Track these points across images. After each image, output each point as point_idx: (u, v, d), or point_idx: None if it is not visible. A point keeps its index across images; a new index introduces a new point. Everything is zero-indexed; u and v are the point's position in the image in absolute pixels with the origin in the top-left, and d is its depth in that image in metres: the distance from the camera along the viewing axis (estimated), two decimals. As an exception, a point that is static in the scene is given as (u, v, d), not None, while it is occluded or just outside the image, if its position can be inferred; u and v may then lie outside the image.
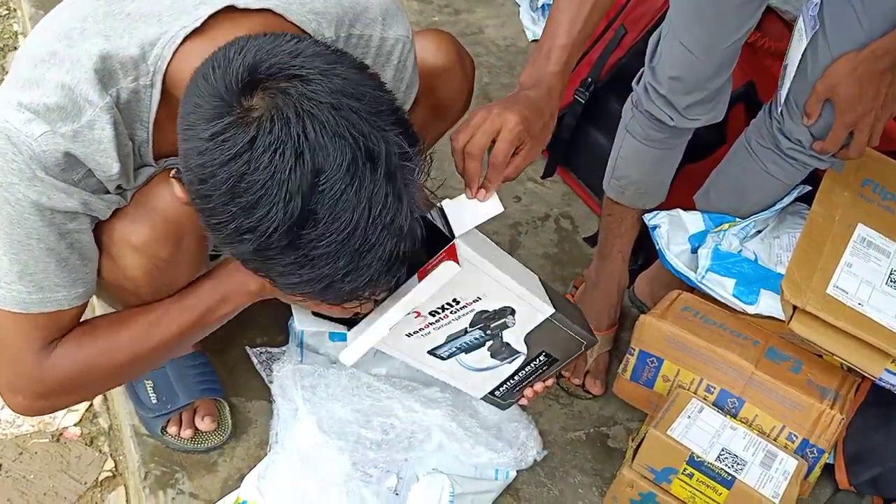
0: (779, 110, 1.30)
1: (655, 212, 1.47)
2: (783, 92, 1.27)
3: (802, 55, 1.25)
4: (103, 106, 0.88)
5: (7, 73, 0.94)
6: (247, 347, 1.42)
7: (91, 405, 1.53)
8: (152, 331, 1.04)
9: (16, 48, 2.26)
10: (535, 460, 1.38)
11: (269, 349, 1.43)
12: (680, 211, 1.46)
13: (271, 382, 1.37)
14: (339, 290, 0.81)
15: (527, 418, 1.42)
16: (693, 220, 1.45)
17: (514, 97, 1.06)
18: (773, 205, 1.44)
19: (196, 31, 0.90)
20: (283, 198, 0.74)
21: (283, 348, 1.43)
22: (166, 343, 1.05)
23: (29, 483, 1.43)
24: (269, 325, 1.50)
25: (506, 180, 1.04)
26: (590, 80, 1.78)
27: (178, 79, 0.89)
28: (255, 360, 1.41)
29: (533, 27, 2.39)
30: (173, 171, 0.87)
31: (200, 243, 1.10)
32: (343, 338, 1.44)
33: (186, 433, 1.29)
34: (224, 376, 1.37)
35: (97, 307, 1.50)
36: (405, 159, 0.79)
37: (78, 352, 1.02)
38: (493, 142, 1.01)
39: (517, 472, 1.37)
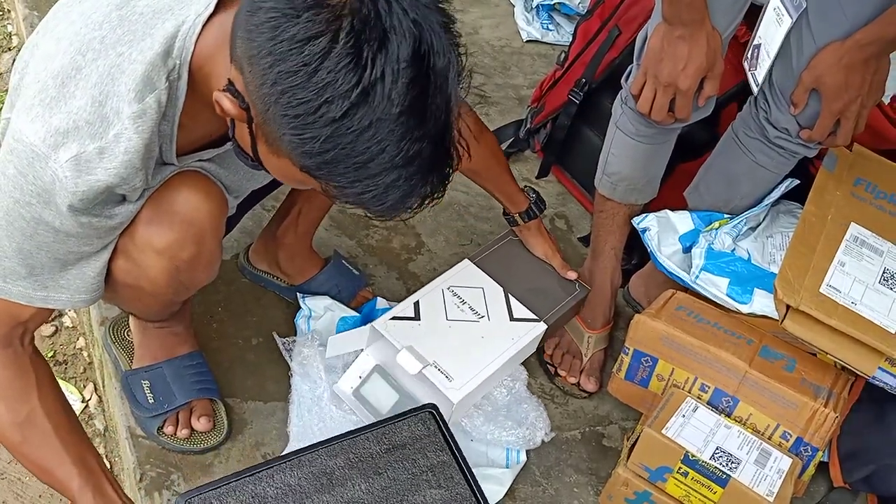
0: (755, 91, 1.30)
1: (643, 214, 1.48)
2: (760, 74, 1.28)
3: (786, 42, 1.26)
4: (132, 115, 0.88)
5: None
6: (274, 334, 1.44)
7: (87, 407, 1.53)
8: (52, 461, 1.04)
9: (10, 49, 2.26)
10: (542, 441, 1.41)
11: (295, 338, 1.44)
12: (668, 212, 1.47)
13: (291, 360, 1.40)
14: (399, 188, 0.82)
15: (536, 400, 1.45)
16: (682, 220, 1.46)
17: None
18: (763, 198, 1.45)
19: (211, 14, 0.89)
20: (369, 75, 0.75)
21: (309, 334, 1.45)
22: (39, 470, 1.06)
23: (24, 485, 1.43)
24: (265, 324, 1.50)
25: None
26: (584, 80, 1.78)
27: (202, 64, 0.90)
28: (281, 347, 1.43)
29: (527, 28, 2.40)
30: (221, 87, 0.86)
31: (218, 243, 1.12)
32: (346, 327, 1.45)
33: (183, 433, 1.29)
34: (218, 377, 1.37)
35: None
36: (458, 60, 0.82)
37: (4, 381, 1.03)
38: None
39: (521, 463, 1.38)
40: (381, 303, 1.50)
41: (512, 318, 1.42)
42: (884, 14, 1.17)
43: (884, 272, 1.31)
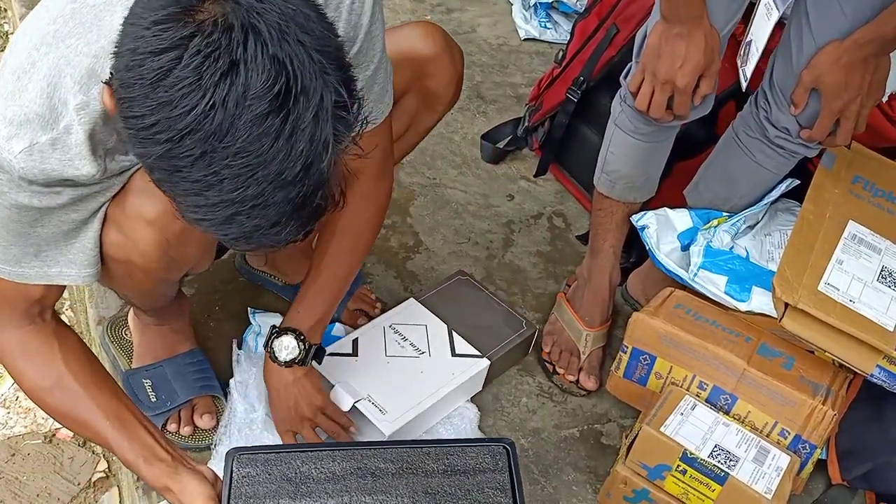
0: (744, 87, 1.31)
1: (642, 212, 1.48)
2: (749, 69, 1.29)
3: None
4: (76, 106, 0.88)
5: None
6: (234, 343, 1.41)
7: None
8: (87, 417, 1.06)
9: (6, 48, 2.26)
10: None
11: (246, 353, 1.40)
12: (667, 209, 1.47)
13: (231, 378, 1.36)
14: (241, 224, 0.77)
15: None
16: (681, 218, 1.46)
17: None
18: (762, 197, 1.45)
19: None
20: (206, 104, 0.71)
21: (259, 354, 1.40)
22: (79, 428, 1.09)
23: (22, 484, 1.43)
24: (263, 324, 1.50)
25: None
26: (582, 78, 1.78)
27: None
28: (234, 359, 1.38)
29: (525, 26, 2.40)
30: (105, 78, 0.84)
31: None
32: None
33: (186, 430, 1.30)
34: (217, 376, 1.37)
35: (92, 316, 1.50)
36: (340, 108, 0.75)
37: (29, 353, 1.05)
38: None
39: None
40: (337, 329, 1.47)
41: (454, 354, 1.41)
42: (882, 13, 1.17)
43: (882, 270, 1.31)
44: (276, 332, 1.21)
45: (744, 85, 1.31)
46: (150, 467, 1.04)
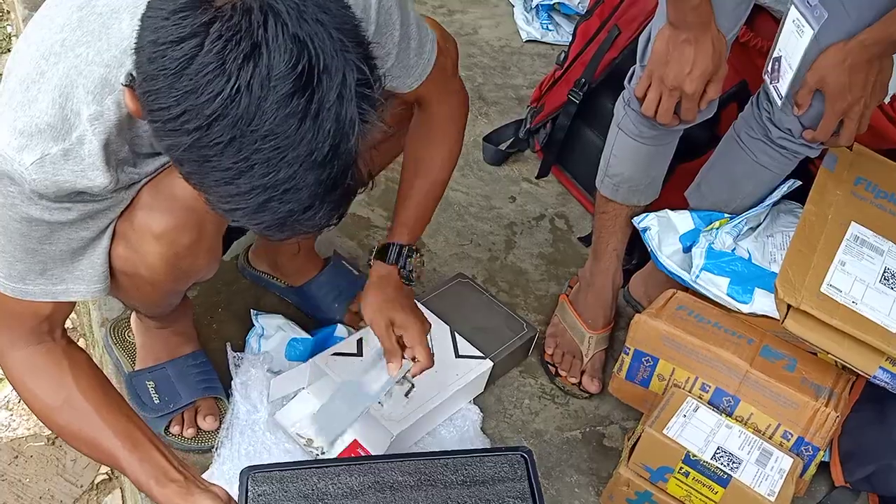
0: (779, 104, 1.30)
1: (644, 214, 1.48)
2: (783, 86, 1.28)
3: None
4: (89, 117, 0.87)
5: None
6: (228, 347, 1.38)
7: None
8: (98, 437, 1.05)
9: (9, 50, 2.26)
10: None
11: (246, 355, 1.39)
12: (668, 211, 1.47)
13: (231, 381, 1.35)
14: (275, 210, 0.77)
15: (485, 441, 1.41)
16: (682, 220, 1.45)
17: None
18: (765, 198, 1.45)
19: None
20: (232, 88, 0.71)
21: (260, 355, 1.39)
22: (89, 448, 1.07)
23: (25, 487, 1.43)
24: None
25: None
26: (584, 80, 1.79)
27: None
28: (231, 362, 1.36)
29: (527, 27, 2.40)
30: (125, 81, 0.84)
31: (219, 231, 1.11)
32: (299, 357, 1.42)
33: (189, 433, 1.30)
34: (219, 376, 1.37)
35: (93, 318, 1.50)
36: (363, 85, 0.75)
37: (38, 372, 1.04)
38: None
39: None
40: (340, 330, 1.46)
41: (457, 356, 1.42)
42: (887, 15, 1.17)
43: (884, 271, 1.31)
44: (404, 249, 1.25)
45: (779, 102, 1.30)
46: (162, 489, 1.03)
